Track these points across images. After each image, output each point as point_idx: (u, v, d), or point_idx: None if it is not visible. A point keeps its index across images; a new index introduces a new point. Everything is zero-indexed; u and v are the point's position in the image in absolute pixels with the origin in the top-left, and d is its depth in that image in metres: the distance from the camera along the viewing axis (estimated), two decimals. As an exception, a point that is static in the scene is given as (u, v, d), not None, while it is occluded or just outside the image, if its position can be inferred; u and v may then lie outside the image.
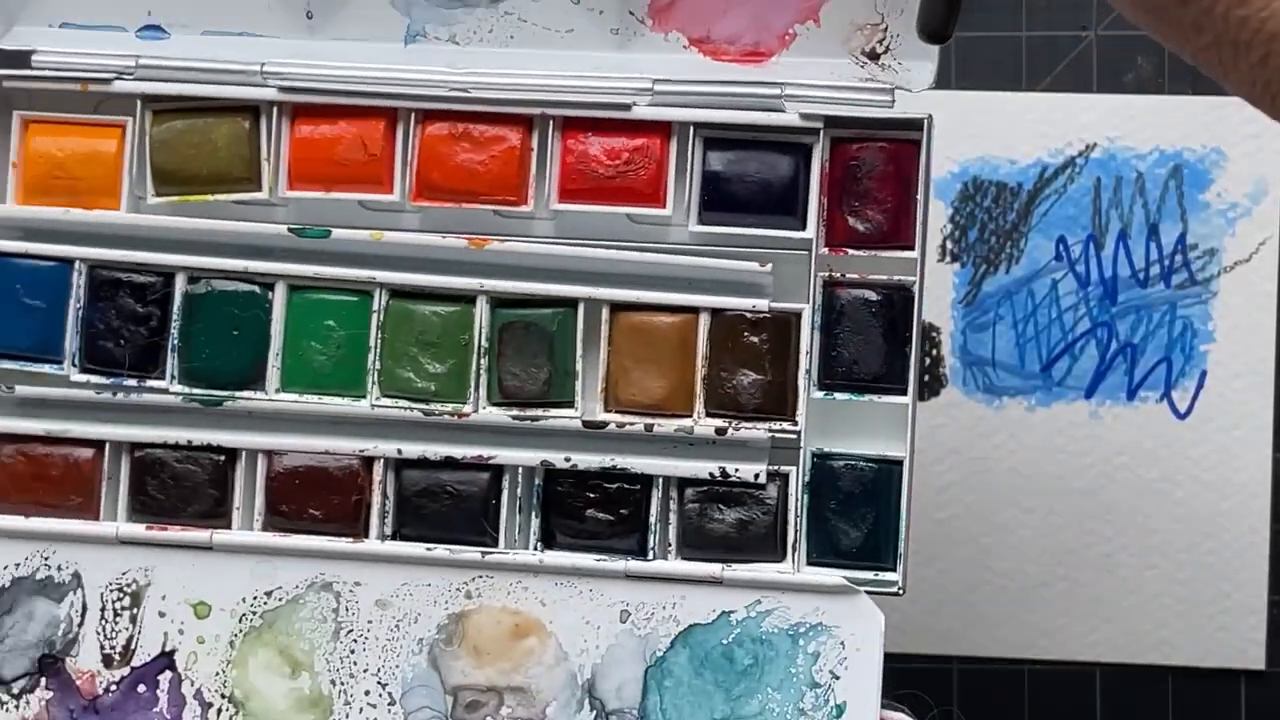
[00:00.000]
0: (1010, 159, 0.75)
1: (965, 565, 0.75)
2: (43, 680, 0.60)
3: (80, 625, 0.60)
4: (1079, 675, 0.74)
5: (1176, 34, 0.42)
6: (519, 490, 0.60)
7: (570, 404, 0.60)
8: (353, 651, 0.60)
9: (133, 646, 0.60)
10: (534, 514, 0.60)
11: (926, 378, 0.76)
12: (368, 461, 0.60)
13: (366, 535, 0.60)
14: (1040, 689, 0.74)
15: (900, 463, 0.59)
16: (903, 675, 0.68)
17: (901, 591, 0.58)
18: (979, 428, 0.75)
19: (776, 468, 0.60)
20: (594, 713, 0.59)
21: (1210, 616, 0.74)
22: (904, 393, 0.59)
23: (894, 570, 0.58)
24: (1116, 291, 0.75)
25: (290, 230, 0.60)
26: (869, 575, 0.59)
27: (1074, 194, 0.75)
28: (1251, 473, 0.74)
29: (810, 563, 0.59)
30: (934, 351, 0.76)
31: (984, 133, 0.59)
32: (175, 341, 0.61)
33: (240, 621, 0.60)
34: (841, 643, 0.58)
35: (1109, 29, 0.76)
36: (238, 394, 0.61)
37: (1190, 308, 0.75)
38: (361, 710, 0.59)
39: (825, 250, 0.60)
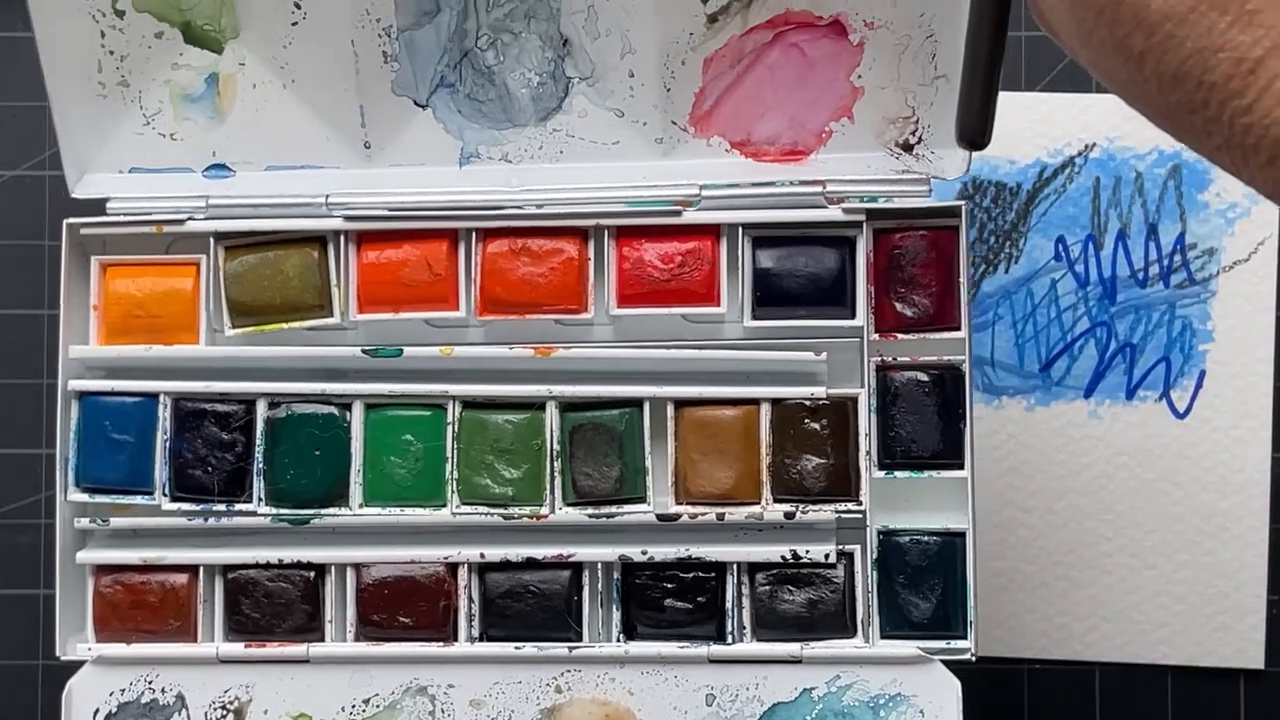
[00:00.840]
0: (1009, 159, 0.75)
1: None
2: (154, 799, 0.63)
3: (187, 744, 0.63)
4: (1079, 675, 0.74)
5: (1190, 138, 0.44)
6: (599, 585, 0.63)
7: (642, 499, 0.62)
8: (451, 751, 0.62)
9: (240, 761, 0.63)
10: (615, 607, 0.62)
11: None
12: (452, 567, 0.63)
13: (456, 638, 0.62)
14: (1040, 689, 0.74)
15: (963, 534, 0.61)
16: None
17: (974, 659, 0.61)
18: (978, 427, 0.72)
19: (843, 547, 0.62)
20: (688, 795, 0.61)
21: (1209, 616, 0.73)
22: (961, 467, 0.61)
23: (965, 638, 0.61)
24: (1115, 291, 0.74)
25: (364, 351, 0.63)
26: (941, 644, 0.61)
27: (1073, 194, 0.75)
28: (1251, 473, 0.73)
29: (884, 636, 0.61)
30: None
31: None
32: (260, 465, 0.63)
33: (341, 730, 0.62)
34: (920, 710, 0.60)
35: (1109, 28, 0.76)
36: (323, 511, 0.63)
37: (1189, 307, 0.74)
38: (464, 808, 0.62)
39: (876, 336, 0.62)
